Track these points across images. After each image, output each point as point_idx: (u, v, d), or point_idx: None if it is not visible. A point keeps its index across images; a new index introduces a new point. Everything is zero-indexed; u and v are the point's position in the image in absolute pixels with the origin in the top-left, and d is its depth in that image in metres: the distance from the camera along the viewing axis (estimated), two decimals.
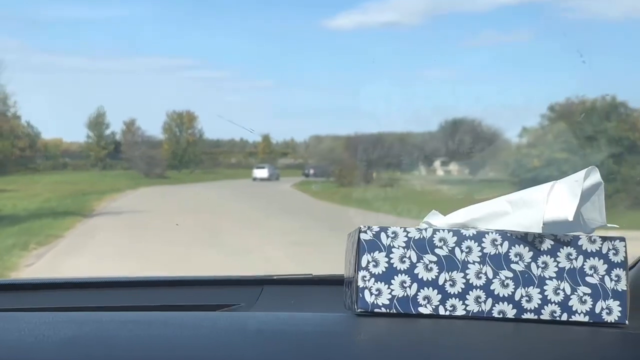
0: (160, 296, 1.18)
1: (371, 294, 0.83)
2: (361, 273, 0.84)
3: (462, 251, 0.84)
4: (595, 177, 0.84)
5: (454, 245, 0.84)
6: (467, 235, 0.84)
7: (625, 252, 0.84)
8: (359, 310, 0.84)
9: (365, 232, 0.84)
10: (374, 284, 0.83)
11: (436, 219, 0.89)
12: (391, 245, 0.84)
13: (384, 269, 0.84)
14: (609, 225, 0.85)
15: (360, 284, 0.84)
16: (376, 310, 0.83)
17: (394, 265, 0.84)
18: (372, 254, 0.84)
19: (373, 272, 0.84)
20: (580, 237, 0.84)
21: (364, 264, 0.84)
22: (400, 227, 0.85)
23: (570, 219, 0.81)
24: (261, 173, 18.30)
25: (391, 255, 0.84)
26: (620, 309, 0.83)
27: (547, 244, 0.83)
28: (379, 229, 0.84)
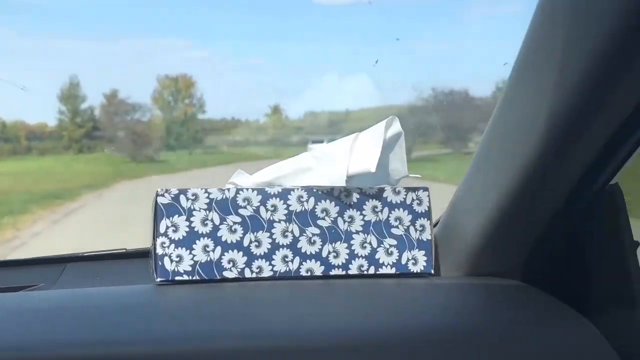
0: None
1: (171, 261, 0.78)
2: (160, 240, 0.78)
3: (267, 210, 0.80)
4: (396, 127, 0.83)
5: (258, 204, 0.80)
6: (272, 193, 0.80)
7: (429, 201, 0.84)
8: (159, 279, 0.78)
9: (162, 195, 0.78)
10: (174, 250, 0.78)
11: (242, 179, 0.84)
12: (192, 208, 0.79)
13: (185, 234, 0.78)
14: (410, 175, 0.84)
15: (159, 251, 0.78)
16: (177, 278, 0.78)
17: (196, 229, 0.78)
18: (171, 218, 0.78)
19: (173, 238, 0.78)
20: (385, 188, 0.82)
21: (162, 229, 0.78)
22: (201, 189, 0.79)
23: (373, 170, 0.79)
24: None
25: (192, 219, 0.78)
26: (425, 258, 0.83)
27: (353, 198, 0.82)
28: (177, 191, 0.79)
